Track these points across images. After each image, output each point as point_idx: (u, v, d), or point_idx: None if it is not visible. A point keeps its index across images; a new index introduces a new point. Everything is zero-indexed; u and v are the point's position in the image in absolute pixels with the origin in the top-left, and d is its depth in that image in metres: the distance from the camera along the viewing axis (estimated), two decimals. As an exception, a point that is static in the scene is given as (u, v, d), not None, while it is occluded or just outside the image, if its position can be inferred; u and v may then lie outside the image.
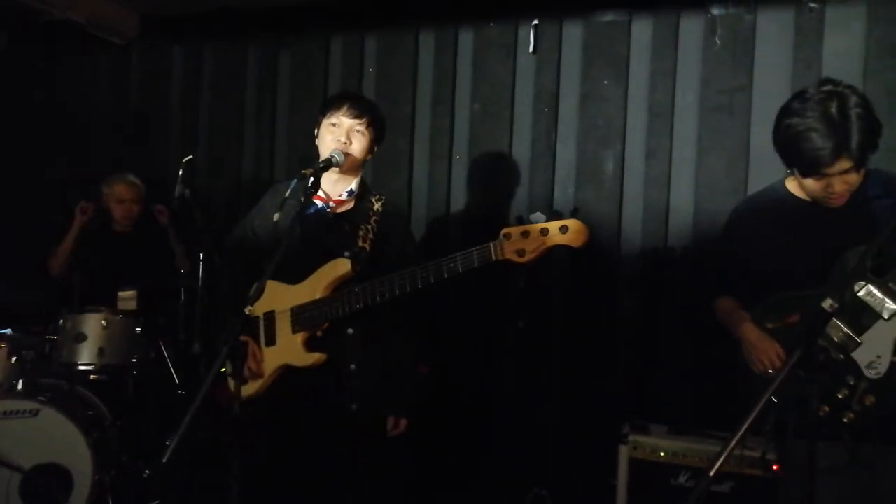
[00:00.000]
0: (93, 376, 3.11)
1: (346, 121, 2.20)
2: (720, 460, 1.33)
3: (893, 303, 1.77)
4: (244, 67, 3.93)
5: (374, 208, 2.28)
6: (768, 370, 1.89)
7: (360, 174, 2.31)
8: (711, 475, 1.34)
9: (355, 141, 2.21)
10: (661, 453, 2.56)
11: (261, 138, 3.89)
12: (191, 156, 3.13)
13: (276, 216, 2.12)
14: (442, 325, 3.27)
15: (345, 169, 2.20)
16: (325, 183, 2.20)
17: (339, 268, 2.13)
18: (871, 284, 1.79)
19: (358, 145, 2.22)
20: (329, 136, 2.21)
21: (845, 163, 1.78)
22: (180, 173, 3.12)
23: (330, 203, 2.24)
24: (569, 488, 3.08)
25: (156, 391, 3.30)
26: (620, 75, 3.18)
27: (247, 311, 1.73)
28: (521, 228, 1.90)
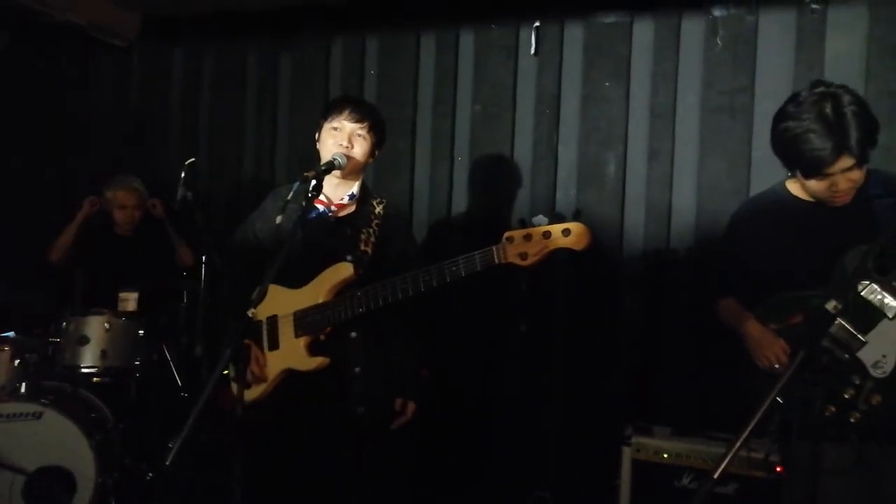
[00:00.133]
0: (95, 379, 3.11)
1: (347, 125, 2.21)
2: (724, 462, 1.33)
3: (898, 301, 1.77)
4: (245, 69, 3.92)
5: (376, 212, 2.28)
6: (774, 365, 1.89)
7: (362, 178, 2.32)
8: (716, 477, 1.34)
9: (357, 145, 2.22)
10: (665, 455, 2.56)
11: (261, 139, 3.89)
12: (192, 158, 3.12)
13: (278, 219, 2.12)
14: (444, 328, 3.25)
15: (346, 173, 2.20)
16: (327, 187, 2.20)
17: (342, 272, 2.13)
18: (874, 283, 1.79)
19: (359, 149, 2.22)
20: (330, 140, 2.21)
21: (847, 161, 1.79)
22: (182, 176, 3.11)
23: (331, 207, 2.24)
24: (571, 490, 3.08)
25: (158, 394, 3.30)
26: (622, 77, 3.18)
27: (249, 314, 1.73)
28: (523, 231, 1.91)
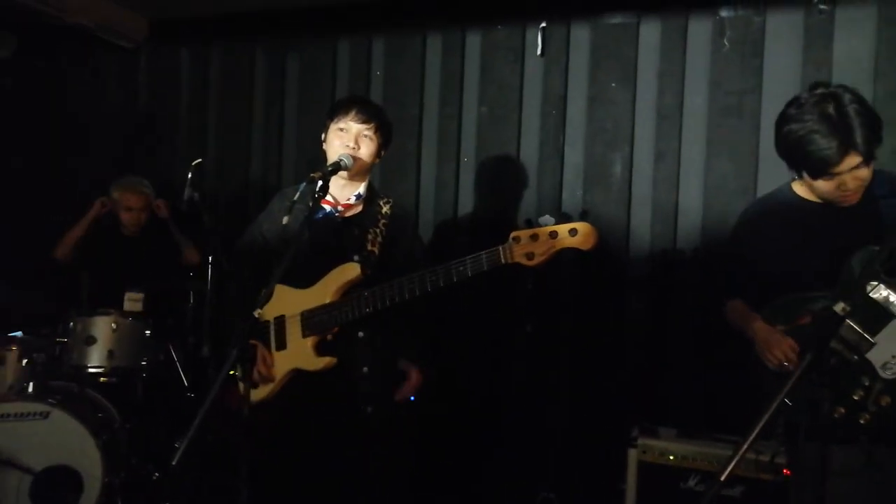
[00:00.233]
0: (102, 379, 3.12)
1: (354, 126, 2.21)
2: (731, 464, 1.32)
3: (906, 303, 1.76)
4: (252, 70, 3.94)
5: (383, 211, 2.28)
6: (783, 363, 1.88)
7: (368, 178, 2.32)
8: (723, 479, 1.33)
9: (363, 146, 2.22)
10: (671, 457, 2.55)
11: (268, 140, 3.90)
12: (200, 159, 3.14)
13: (284, 220, 2.12)
14: (450, 328, 3.26)
15: (353, 173, 2.21)
16: (334, 188, 2.21)
17: (349, 272, 2.13)
18: (882, 284, 1.78)
19: (366, 150, 2.23)
20: (337, 141, 2.22)
21: (854, 159, 1.79)
22: (189, 176, 3.12)
23: (338, 207, 2.25)
24: (577, 491, 3.07)
25: (165, 394, 3.31)
26: (628, 78, 3.18)
27: (256, 314, 1.74)
28: (530, 231, 1.90)
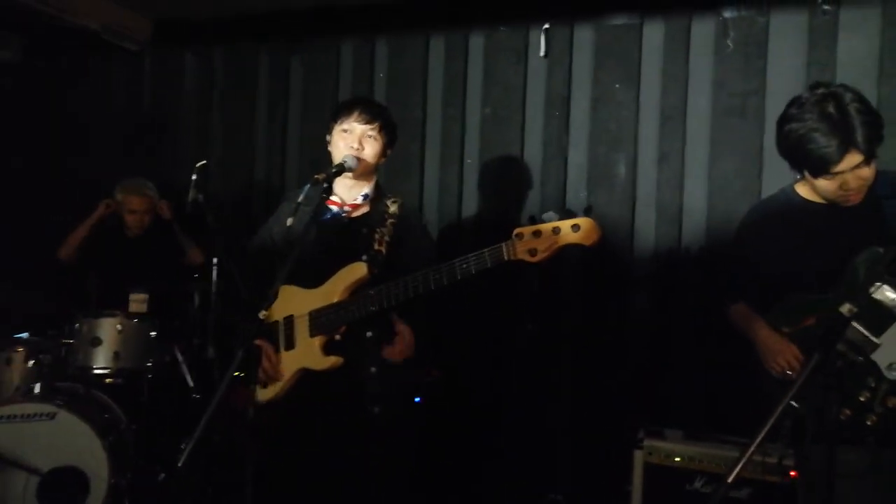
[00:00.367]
0: (108, 380, 3.14)
1: (357, 126, 2.22)
2: (738, 466, 1.32)
3: (910, 303, 1.76)
4: (256, 72, 3.95)
5: (390, 211, 2.29)
6: (786, 372, 1.88)
7: (375, 178, 2.33)
8: (730, 481, 1.33)
9: (367, 146, 2.23)
10: (677, 458, 2.55)
11: (272, 142, 3.91)
12: (204, 161, 3.14)
13: (289, 221, 2.12)
14: (453, 327, 3.26)
15: (358, 174, 2.21)
16: (340, 188, 2.22)
17: (356, 271, 2.14)
18: (887, 285, 1.78)
19: (370, 150, 2.23)
20: (341, 142, 2.22)
21: (855, 157, 1.79)
22: (194, 178, 3.13)
23: (345, 208, 2.25)
24: (582, 492, 3.07)
25: (171, 395, 3.32)
26: (632, 79, 3.18)
27: (261, 315, 1.74)
28: (532, 228, 1.90)
